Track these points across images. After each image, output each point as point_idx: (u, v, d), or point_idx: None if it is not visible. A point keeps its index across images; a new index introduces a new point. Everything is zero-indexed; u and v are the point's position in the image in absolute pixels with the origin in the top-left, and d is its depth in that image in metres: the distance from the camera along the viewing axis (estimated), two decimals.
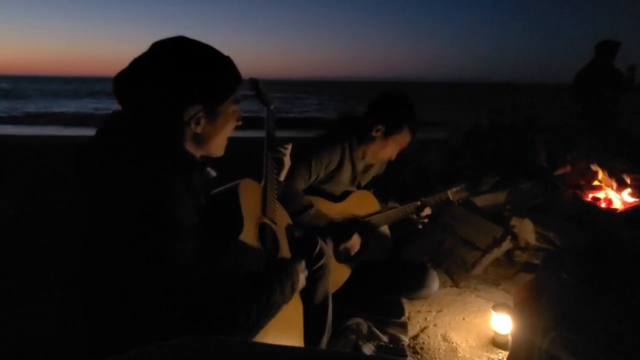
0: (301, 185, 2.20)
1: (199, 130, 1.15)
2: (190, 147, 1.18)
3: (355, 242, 2.29)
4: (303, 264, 1.46)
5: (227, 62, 1.20)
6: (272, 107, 1.68)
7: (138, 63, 1.12)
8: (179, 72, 1.10)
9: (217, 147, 1.25)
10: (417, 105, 2.34)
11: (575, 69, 5.30)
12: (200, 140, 1.19)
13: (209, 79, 1.14)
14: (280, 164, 1.70)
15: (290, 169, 2.16)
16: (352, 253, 2.30)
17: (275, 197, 1.57)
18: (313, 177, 2.25)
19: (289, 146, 1.72)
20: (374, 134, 2.27)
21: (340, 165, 2.31)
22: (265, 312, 1.14)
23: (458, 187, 2.51)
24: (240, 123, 1.28)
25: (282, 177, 1.74)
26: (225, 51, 1.20)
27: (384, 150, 2.31)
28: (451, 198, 2.49)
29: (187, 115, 1.12)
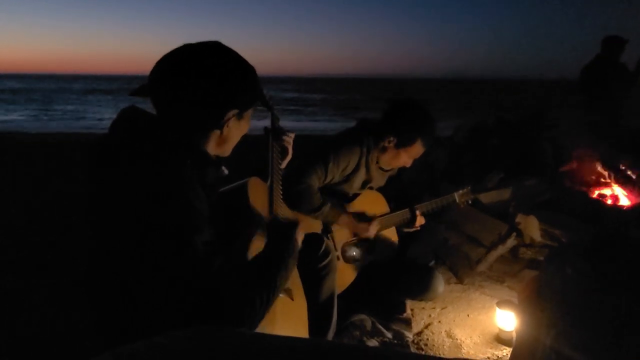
0: (316, 184, 2.16)
1: (226, 132, 1.19)
2: (208, 147, 1.21)
3: (372, 229, 2.25)
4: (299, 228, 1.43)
5: (253, 68, 1.24)
6: (274, 111, 1.70)
7: (178, 64, 1.13)
8: (221, 78, 1.14)
9: (231, 148, 1.28)
10: (422, 102, 2.31)
11: (581, 64, 5.26)
12: (222, 141, 1.22)
13: (245, 84, 1.19)
14: (284, 152, 1.71)
15: (307, 166, 2.13)
16: (367, 237, 2.27)
17: (281, 196, 1.59)
18: (328, 179, 2.21)
19: (293, 134, 1.73)
20: (386, 144, 2.24)
21: (356, 169, 2.27)
22: (276, 293, 1.15)
23: (464, 190, 2.50)
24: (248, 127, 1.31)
25: (283, 165, 1.75)
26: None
27: (396, 160, 2.29)
28: (457, 201, 2.48)
29: (225, 119, 1.16)
